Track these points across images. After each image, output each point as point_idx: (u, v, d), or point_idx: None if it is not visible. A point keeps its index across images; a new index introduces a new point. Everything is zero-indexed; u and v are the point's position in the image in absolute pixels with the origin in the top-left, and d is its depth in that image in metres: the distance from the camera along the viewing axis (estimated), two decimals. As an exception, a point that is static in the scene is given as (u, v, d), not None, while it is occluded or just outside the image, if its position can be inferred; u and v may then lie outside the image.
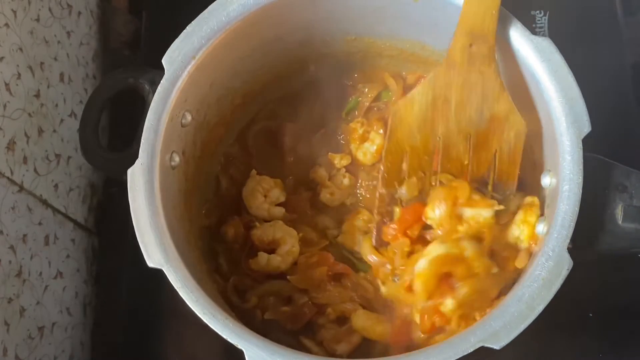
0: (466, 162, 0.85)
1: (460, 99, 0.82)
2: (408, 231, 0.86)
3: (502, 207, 0.83)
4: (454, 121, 0.83)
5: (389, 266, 0.87)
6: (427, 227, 0.86)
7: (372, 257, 0.89)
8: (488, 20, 0.78)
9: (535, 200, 0.84)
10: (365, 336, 0.89)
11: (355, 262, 0.95)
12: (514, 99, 0.87)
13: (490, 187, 0.86)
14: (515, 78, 0.84)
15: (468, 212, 0.83)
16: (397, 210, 0.88)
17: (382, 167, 0.87)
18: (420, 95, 0.83)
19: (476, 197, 0.83)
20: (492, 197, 0.85)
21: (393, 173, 0.87)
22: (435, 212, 0.84)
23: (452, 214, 0.83)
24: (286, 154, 1.02)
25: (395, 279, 0.87)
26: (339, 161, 1.00)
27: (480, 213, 0.83)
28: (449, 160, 0.86)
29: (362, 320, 0.90)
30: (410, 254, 0.85)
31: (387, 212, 0.89)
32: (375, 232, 0.90)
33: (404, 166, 0.87)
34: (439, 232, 0.84)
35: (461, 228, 0.83)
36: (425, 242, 0.85)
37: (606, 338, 0.99)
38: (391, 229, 0.87)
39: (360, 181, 1.00)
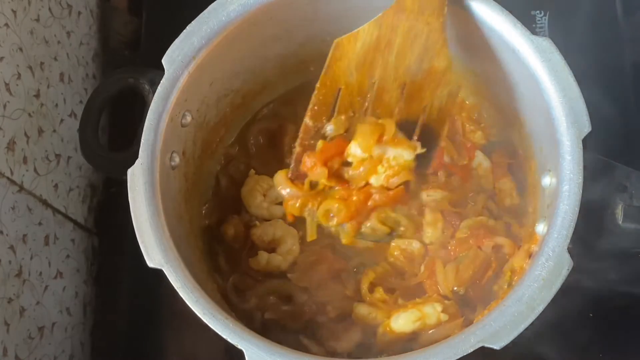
0: (396, 110, 0.85)
1: (403, 45, 0.82)
2: (328, 163, 0.85)
3: (424, 150, 0.83)
4: (393, 66, 0.82)
5: (299, 201, 0.87)
6: (346, 164, 0.85)
7: (284, 190, 0.87)
8: None
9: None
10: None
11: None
12: (514, 99, 0.87)
13: (415, 137, 0.85)
14: (515, 78, 0.84)
15: (390, 152, 0.83)
16: (320, 143, 0.86)
17: (312, 98, 0.85)
18: (365, 33, 0.82)
19: (400, 137, 0.83)
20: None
21: (323, 107, 0.85)
22: (358, 149, 0.83)
23: (374, 152, 0.83)
24: (285, 154, 1.02)
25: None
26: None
27: (401, 154, 0.82)
28: (380, 105, 0.85)
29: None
30: (326, 188, 0.86)
31: (309, 145, 0.86)
32: (293, 163, 0.87)
33: (336, 102, 0.86)
34: (359, 170, 0.84)
35: (381, 169, 0.83)
36: (341, 180, 0.85)
37: (606, 338, 0.99)
38: (311, 159, 0.85)
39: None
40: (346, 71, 0.83)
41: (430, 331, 0.85)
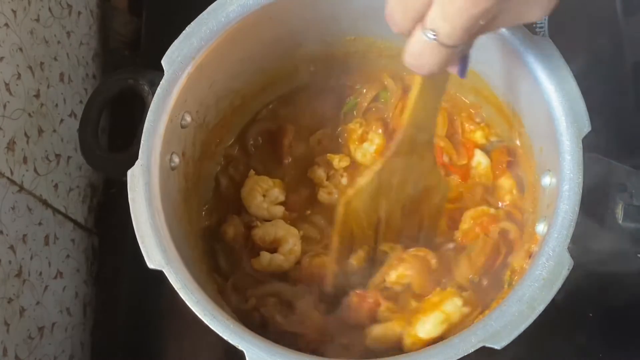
0: (402, 228, 0.92)
1: (401, 180, 0.87)
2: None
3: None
4: (395, 199, 0.89)
5: None
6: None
7: None
8: (432, 114, 0.82)
9: None
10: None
11: None
12: (514, 99, 0.87)
13: (421, 243, 0.93)
14: (515, 78, 0.84)
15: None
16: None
17: (332, 249, 0.92)
18: (367, 186, 0.87)
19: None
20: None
21: (344, 252, 0.92)
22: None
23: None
24: (285, 154, 1.02)
25: None
26: (338, 163, 1.00)
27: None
28: (389, 230, 0.92)
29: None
30: None
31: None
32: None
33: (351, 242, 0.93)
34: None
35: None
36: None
37: (606, 338, 0.99)
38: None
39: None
40: (356, 219, 0.90)
41: (456, 328, 0.85)
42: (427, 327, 0.85)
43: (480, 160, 0.98)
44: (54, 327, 1.01)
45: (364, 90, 1.03)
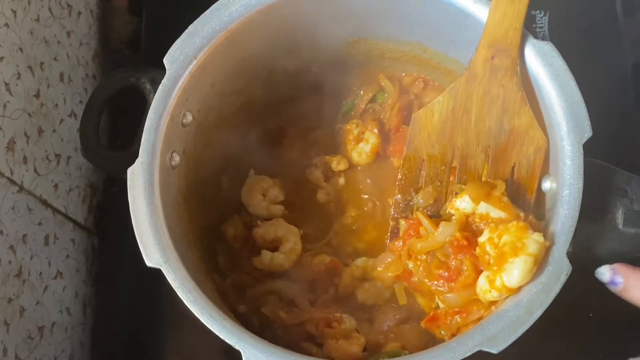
0: (484, 174, 0.84)
1: (481, 110, 0.82)
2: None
3: (524, 218, 0.79)
4: (473, 132, 0.83)
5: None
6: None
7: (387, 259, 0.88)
8: (511, 33, 0.78)
9: None
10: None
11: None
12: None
13: (505, 199, 0.83)
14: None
15: (494, 213, 0.80)
16: (402, 223, 0.87)
17: (399, 174, 0.87)
18: (440, 105, 0.83)
19: (507, 201, 0.81)
20: None
21: (409, 180, 0.87)
22: (464, 202, 0.82)
23: (479, 209, 0.81)
24: (285, 154, 1.02)
25: None
26: (336, 165, 1.00)
27: (503, 218, 0.79)
28: (466, 172, 0.85)
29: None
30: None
31: (402, 218, 0.88)
32: (389, 235, 0.89)
33: (422, 174, 0.87)
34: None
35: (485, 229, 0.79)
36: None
37: (606, 338, 0.99)
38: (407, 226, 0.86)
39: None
40: (427, 143, 0.85)
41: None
42: (515, 273, 0.73)
43: None
44: (54, 327, 1.01)
45: (361, 92, 1.03)
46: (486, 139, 0.83)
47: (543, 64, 0.78)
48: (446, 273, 0.80)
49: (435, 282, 0.81)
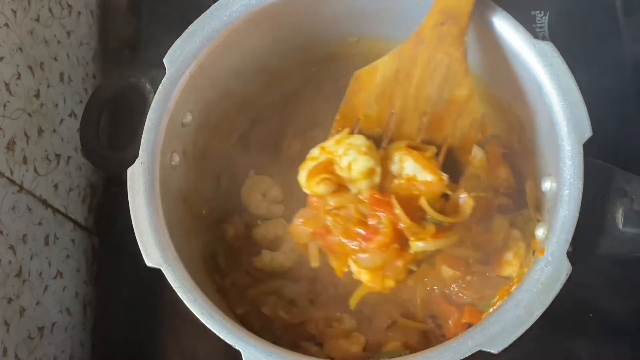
0: (418, 140, 0.83)
1: (423, 76, 0.80)
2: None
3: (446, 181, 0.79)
4: (413, 97, 0.81)
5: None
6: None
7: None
8: (464, 2, 0.77)
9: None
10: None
11: None
12: (515, 103, 0.87)
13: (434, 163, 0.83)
14: (517, 82, 0.84)
15: (421, 175, 0.79)
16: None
17: (332, 130, 0.85)
18: (384, 66, 0.81)
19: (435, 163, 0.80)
20: None
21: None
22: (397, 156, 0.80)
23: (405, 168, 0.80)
24: (285, 154, 1.02)
25: None
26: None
27: (426, 177, 0.79)
28: (400, 136, 0.83)
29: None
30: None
31: None
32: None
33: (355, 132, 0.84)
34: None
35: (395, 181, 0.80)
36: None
37: (606, 338, 0.99)
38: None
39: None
40: (365, 103, 0.83)
41: None
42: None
43: (475, 153, 0.98)
44: (54, 327, 1.01)
45: None
46: (424, 105, 0.82)
47: (543, 64, 0.78)
48: (364, 232, 0.77)
49: (352, 242, 0.78)
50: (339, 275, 0.82)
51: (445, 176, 0.78)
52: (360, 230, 0.77)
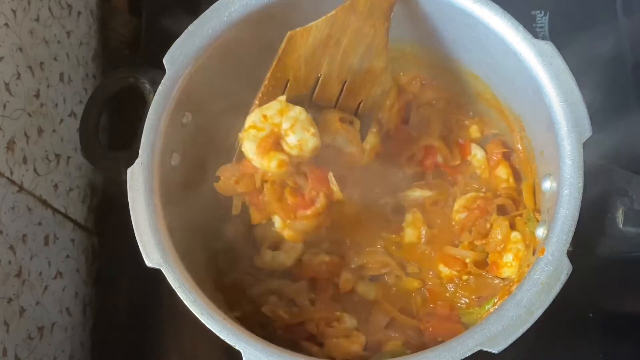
0: (337, 103, 0.89)
1: (350, 44, 0.85)
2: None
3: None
4: (338, 64, 0.86)
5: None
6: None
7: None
8: None
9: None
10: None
11: None
12: (515, 102, 0.87)
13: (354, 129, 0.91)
14: (517, 81, 0.84)
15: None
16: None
17: (262, 88, 0.87)
18: (317, 29, 0.84)
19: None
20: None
21: (272, 97, 0.87)
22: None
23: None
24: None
25: None
26: None
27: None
28: (322, 98, 0.89)
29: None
30: None
31: None
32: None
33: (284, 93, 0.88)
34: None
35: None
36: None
37: (606, 338, 0.99)
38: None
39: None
40: (296, 64, 0.86)
41: None
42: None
43: (475, 152, 0.98)
44: (54, 327, 1.01)
45: None
46: (346, 73, 0.87)
47: (543, 64, 0.78)
48: (299, 200, 0.85)
49: (285, 207, 0.85)
50: (253, 222, 0.89)
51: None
52: (294, 201, 0.85)
